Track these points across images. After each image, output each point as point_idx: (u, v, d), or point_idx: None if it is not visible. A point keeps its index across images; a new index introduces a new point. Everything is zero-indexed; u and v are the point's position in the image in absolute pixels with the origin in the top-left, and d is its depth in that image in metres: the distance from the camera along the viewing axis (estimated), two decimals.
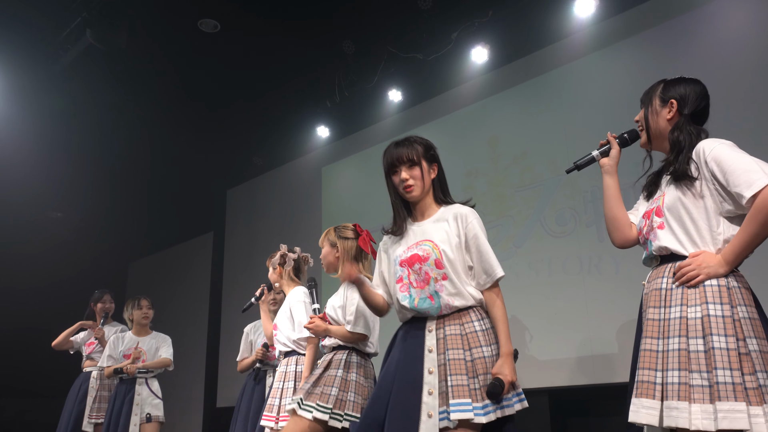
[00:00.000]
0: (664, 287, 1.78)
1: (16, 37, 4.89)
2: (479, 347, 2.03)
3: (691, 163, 1.81)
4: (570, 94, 4.51)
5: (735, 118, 3.67)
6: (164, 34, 5.04)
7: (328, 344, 2.88)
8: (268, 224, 6.82)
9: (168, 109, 6.09)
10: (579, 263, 4.17)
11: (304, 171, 6.59)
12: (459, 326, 2.07)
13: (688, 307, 1.71)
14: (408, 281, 2.15)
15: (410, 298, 2.14)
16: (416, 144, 2.27)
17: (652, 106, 1.98)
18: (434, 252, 2.12)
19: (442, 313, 2.10)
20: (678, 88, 1.97)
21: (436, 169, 2.30)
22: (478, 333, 2.06)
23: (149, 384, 4.36)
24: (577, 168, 2.10)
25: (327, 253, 2.97)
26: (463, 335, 2.06)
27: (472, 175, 4.97)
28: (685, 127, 1.90)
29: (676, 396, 1.62)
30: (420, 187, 2.24)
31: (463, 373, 1.99)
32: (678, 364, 1.65)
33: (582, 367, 3.94)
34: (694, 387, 1.61)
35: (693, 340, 1.66)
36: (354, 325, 2.77)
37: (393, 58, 5.16)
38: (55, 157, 6.46)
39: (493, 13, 4.63)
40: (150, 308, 4.53)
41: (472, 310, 2.10)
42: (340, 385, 2.69)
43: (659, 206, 1.85)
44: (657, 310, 1.77)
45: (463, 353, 2.02)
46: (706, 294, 1.70)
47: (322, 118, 6.00)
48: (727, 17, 3.84)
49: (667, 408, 1.63)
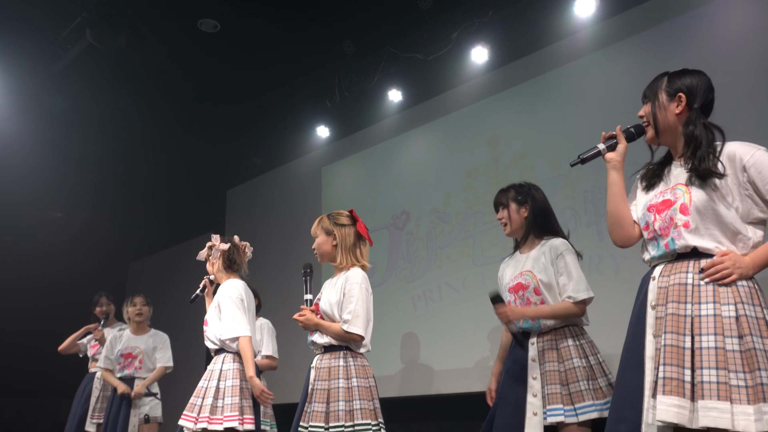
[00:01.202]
0: (690, 282, 1.73)
1: (16, 37, 4.88)
2: (570, 359, 2.45)
3: (717, 162, 1.77)
4: (570, 94, 4.50)
5: (735, 118, 3.66)
6: (164, 34, 5.03)
7: (319, 342, 2.72)
8: (268, 224, 6.82)
9: (168, 109, 6.08)
10: (579, 263, 4.16)
11: (304, 171, 6.59)
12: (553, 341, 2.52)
13: (722, 305, 1.66)
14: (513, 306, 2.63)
15: None
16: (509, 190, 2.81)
17: (658, 100, 1.93)
18: (533, 281, 2.58)
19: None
20: (685, 80, 1.92)
21: (527, 209, 2.74)
22: (571, 347, 2.48)
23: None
24: (582, 161, 2.07)
25: (322, 242, 2.81)
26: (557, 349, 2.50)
27: (472, 175, 4.96)
28: (699, 121, 1.86)
29: (716, 395, 1.56)
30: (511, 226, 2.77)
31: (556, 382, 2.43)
32: (716, 362, 1.59)
33: None
34: (733, 387, 1.57)
35: (729, 339, 1.62)
36: (350, 324, 2.62)
37: (393, 58, 5.16)
38: (55, 157, 6.46)
39: (493, 13, 4.63)
40: (144, 305, 4.51)
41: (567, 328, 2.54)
42: (345, 396, 2.57)
43: (685, 203, 1.79)
44: (681, 305, 1.71)
45: (557, 365, 2.46)
46: (740, 293, 1.67)
47: (322, 118, 6.00)
48: (727, 17, 3.84)
49: (704, 408, 1.57)
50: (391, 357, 5.18)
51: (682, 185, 1.84)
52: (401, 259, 5.37)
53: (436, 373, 4.83)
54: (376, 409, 2.63)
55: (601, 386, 2.41)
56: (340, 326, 2.65)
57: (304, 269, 2.85)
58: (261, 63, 5.40)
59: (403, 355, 5.14)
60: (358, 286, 2.68)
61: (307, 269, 2.84)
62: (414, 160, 5.51)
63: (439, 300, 4.93)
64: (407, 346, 5.12)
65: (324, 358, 2.69)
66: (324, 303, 2.74)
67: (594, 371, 2.44)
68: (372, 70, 5.29)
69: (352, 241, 2.79)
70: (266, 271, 6.39)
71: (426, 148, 5.46)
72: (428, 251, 5.16)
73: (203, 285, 3.49)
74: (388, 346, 5.19)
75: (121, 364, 4.38)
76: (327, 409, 2.55)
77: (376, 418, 2.61)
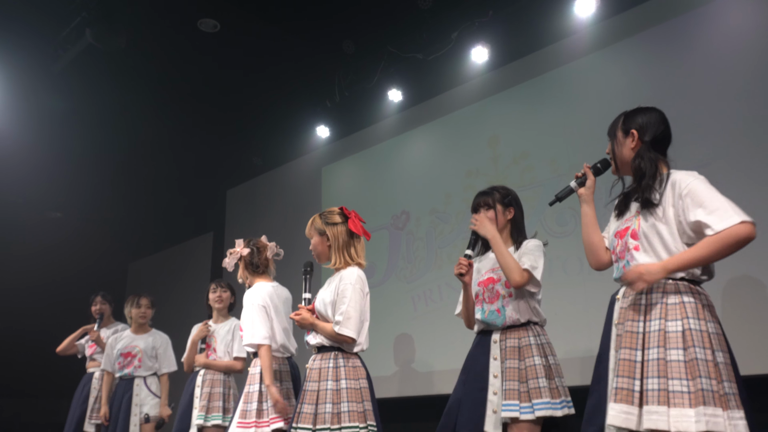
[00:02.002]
0: (643, 303, 1.94)
1: (15, 37, 4.88)
2: (531, 357, 2.48)
3: (655, 192, 1.98)
4: (570, 94, 4.50)
5: (734, 118, 3.67)
6: (164, 34, 5.03)
7: (312, 343, 2.71)
8: (268, 224, 6.81)
9: (167, 109, 6.08)
10: (579, 263, 4.17)
11: (304, 171, 6.59)
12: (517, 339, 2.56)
13: (667, 321, 1.86)
14: (481, 298, 2.66)
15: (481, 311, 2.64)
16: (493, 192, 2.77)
17: (616, 138, 2.14)
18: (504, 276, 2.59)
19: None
20: (636, 119, 2.11)
21: (512, 212, 2.72)
22: (533, 346, 2.51)
23: (147, 384, 4.35)
24: (558, 200, 2.38)
25: (317, 243, 2.78)
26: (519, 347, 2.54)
27: (472, 175, 4.96)
28: (646, 154, 2.05)
29: (656, 401, 1.77)
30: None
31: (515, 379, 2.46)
32: (657, 372, 1.80)
33: (582, 367, 3.94)
34: (676, 393, 1.76)
35: (674, 350, 1.81)
36: (342, 326, 2.59)
37: (393, 58, 5.16)
38: (54, 157, 6.46)
39: (493, 13, 4.63)
40: (149, 307, 4.53)
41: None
42: (333, 398, 2.55)
43: (635, 230, 2.01)
44: (635, 323, 1.93)
45: (517, 362, 2.49)
46: (686, 309, 1.86)
47: (322, 118, 6.00)
48: (727, 17, 3.84)
49: (647, 412, 1.77)
50: (391, 357, 5.18)
51: (636, 212, 2.05)
52: (401, 259, 5.37)
53: (436, 374, 4.82)
54: (365, 412, 2.57)
55: (557, 386, 2.48)
56: (331, 327, 2.63)
57: (304, 267, 2.82)
58: (261, 63, 5.40)
59: (403, 355, 5.13)
60: (352, 286, 2.64)
61: (308, 268, 2.82)
62: (414, 160, 5.51)
63: (439, 300, 4.92)
64: (407, 346, 5.12)
65: (316, 359, 2.68)
66: (319, 303, 2.73)
67: (552, 371, 2.51)
68: (372, 70, 5.29)
69: (344, 239, 2.74)
70: None
71: (426, 148, 5.46)
72: (428, 251, 5.16)
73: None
74: (388, 346, 5.18)
75: (121, 364, 4.38)
76: (315, 410, 2.55)
77: (364, 421, 2.55)
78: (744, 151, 3.60)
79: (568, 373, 4.11)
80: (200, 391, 3.75)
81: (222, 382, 3.79)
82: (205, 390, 3.74)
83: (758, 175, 3.51)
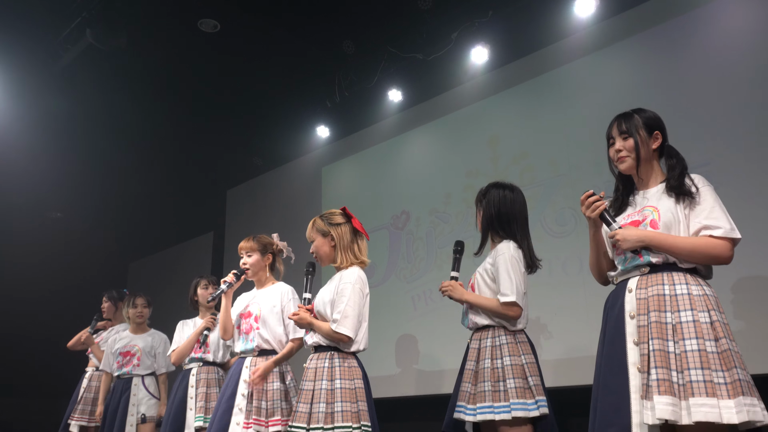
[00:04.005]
0: (668, 293, 1.92)
1: (16, 36, 4.89)
2: (503, 357, 2.51)
3: (689, 184, 2.04)
4: (570, 94, 4.50)
5: (734, 118, 3.67)
6: (164, 34, 5.04)
7: (309, 342, 2.72)
8: (268, 224, 6.80)
9: (168, 109, 6.09)
10: (579, 263, 4.17)
11: (304, 171, 6.59)
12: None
13: (698, 312, 1.86)
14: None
15: None
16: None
17: (639, 137, 2.14)
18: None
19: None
20: (656, 120, 2.17)
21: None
22: (504, 346, 2.53)
23: (146, 384, 4.35)
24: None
25: (320, 244, 2.78)
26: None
27: (472, 175, 4.96)
28: (677, 155, 2.14)
29: (704, 393, 1.76)
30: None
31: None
32: (700, 363, 1.79)
33: (582, 367, 3.94)
34: (716, 384, 1.76)
35: (708, 342, 1.82)
36: (339, 324, 2.59)
37: (393, 58, 5.16)
38: (54, 157, 6.46)
39: (493, 13, 4.63)
40: (145, 307, 4.52)
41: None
42: (327, 398, 2.55)
43: (655, 220, 2.02)
44: (662, 314, 1.90)
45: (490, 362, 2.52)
46: (711, 302, 1.89)
47: (322, 118, 6.00)
48: (727, 18, 3.84)
49: (695, 404, 1.75)
50: (391, 357, 5.18)
51: (650, 207, 2.08)
52: (401, 259, 5.37)
53: (436, 373, 4.82)
54: (360, 412, 2.56)
55: (530, 385, 2.44)
56: (329, 326, 2.63)
57: (307, 267, 2.82)
58: (261, 63, 5.40)
59: (403, 355, 5.13)
60: (351, 285, 2.66)
61: (309, 268, 2.82)
62: (414, 160, 5.51)
63: (439, 300, 4.92)
64: (407, 346, 5.12)
65: (313, 359, 2.68)
66: (318, 302, 2.74)
67: (525, 370, 2.47)
68: (372, 70, 5.29)
69: (349, 239, 2.77)
70: None
71: (426, 148, 5.46)
72: (428, 251, 5.16)
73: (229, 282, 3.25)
74: (388, 346, 5.18)
75: (120, 363, 4.38)
76: (310, 410, 2.55)
77: (358, 421, 2.54)
78: (744, 151, 3.60)
79: (568, 373, 4.12)
80: (195, 391, 3.71)
81: (217, 381, 3.77)
82: (201, 390, 3.71)
83: (758, 175, 3.52)
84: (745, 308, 3.44)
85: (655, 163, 2.15)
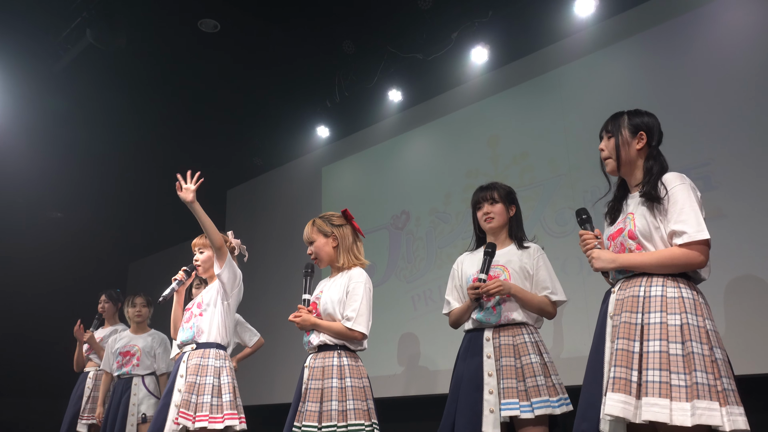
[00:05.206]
0: (642, 295, 1.95)
1: (16, 36, 4.88)
2: (528, 355, 2.53)
3: (660, 188, 2.02)
4: (570, 94, 4.50)
5: (734, 118, 3.67)
6: (164, 34, 5.04)
7: (315, 342, 2.69)
8: (268, 224, 6.82)
9: (168, 109, 6.09)
10: (579, 263, 4.17)
11: (304, 171, 6.59)
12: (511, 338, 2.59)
13: (668, 314, 1.88)
14: None
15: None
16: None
17: (621, 136, 2.13)
18: (504, 274, 2.68)
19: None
20: (643, 119, 2.14)
21: (514, 209, 2.79)
22: (528, 344, 2.56)
23: (146, 384, 4.35)
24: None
25: (322, 245, 2.79)
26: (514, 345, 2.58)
27: (472, 175, 4.96)
28: (659, 158, 2.11)
29: (657, 393, 1.77)
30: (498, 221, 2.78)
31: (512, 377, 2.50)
32: (659, 364, 1.81)
33: (581, 367, 3.93)
34: (674, 386, 1.77)
35: (673, 344, 1.83)
36: (354, 322, 2.61)
37: (393, 58, 5.16)
38: (54, 157, 6.46)
39: (493, 13, 4.63)
40: (144, 306, 4.53)
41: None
42: (339, 396, 2.54)
43: (631, 230, 2.03)
44: (633, 314, 1.93)
45: (513, 360, 2.52)
46: (685, 304, 1.88)
47: (322, 118, 6.00)
48: (727, 18, 3.84)
49: (647, 404, 1.77)
50: (391, 357, 5.18)
51: (630, 214, 2.08)
52: (401, 259, 5.37)
53: (436, 373, 4.83)
54: (369, 410, 2.60)
55: (554, 383, 2.52)
56: (341, 324, 2.64)
57: (305, 268, 2.82)
58: (261, 63, 5.40)
59: (403, 355, 5.14)
60: (363, 285, 2.69)
61: (308, 269, 2.81)
62: (414, 160, 5.51)
63: (439, 300, 4.92)
64: (407, 345, 5.12)
65: (318, 357, 2.66)
66: (326, 302, 2.71)
67: (548, 369, 2.55)
68: (372, 70, 5.29)
69: (351, 240, 2.81)
70: (265, 271, 6.39)
71: (426, 148, 5.46)
72: (428, 251, 5.16)
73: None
74: (388, 346, 5.19)
75: (120, 362, 4.38)
76: (320, 408, 2.54)
77: (369, 419, 2.57)
78: (744, 151, 3.59)
79: (569, 372, 4.11)
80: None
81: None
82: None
83: (758, 175, 3.51)
84: (744, 308, 3.44)
85: (640, 165, 2.13)
